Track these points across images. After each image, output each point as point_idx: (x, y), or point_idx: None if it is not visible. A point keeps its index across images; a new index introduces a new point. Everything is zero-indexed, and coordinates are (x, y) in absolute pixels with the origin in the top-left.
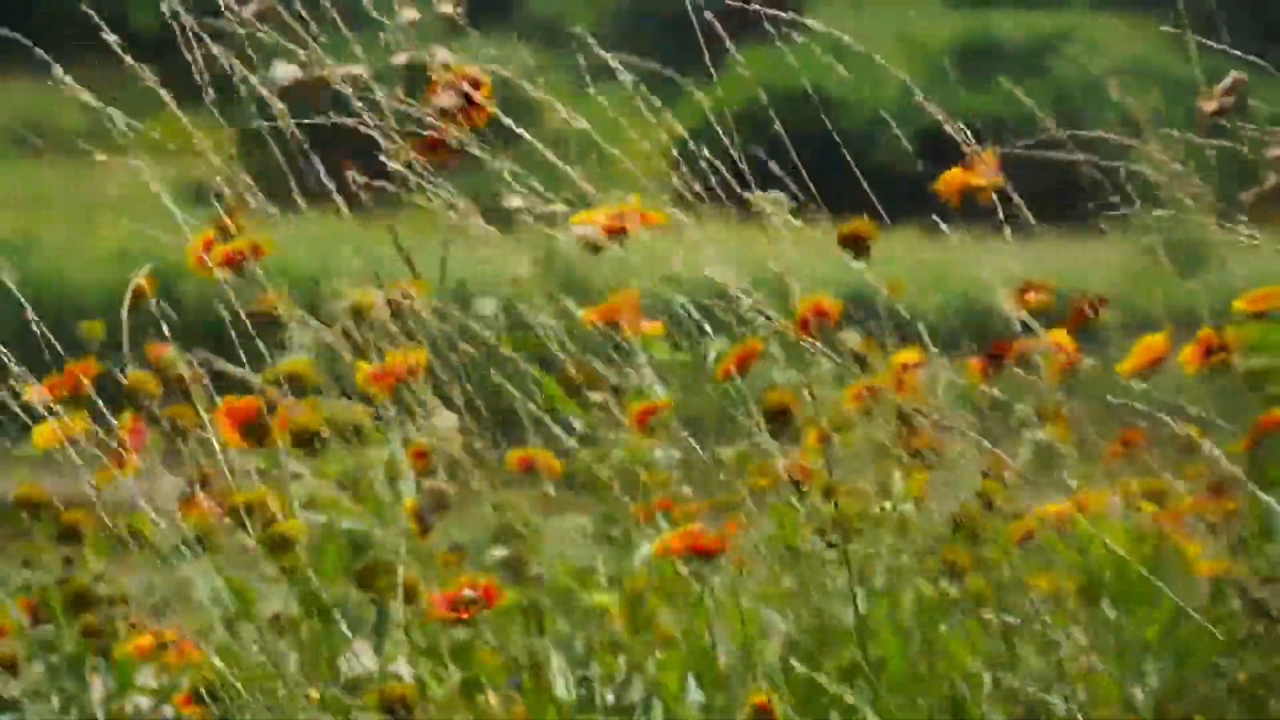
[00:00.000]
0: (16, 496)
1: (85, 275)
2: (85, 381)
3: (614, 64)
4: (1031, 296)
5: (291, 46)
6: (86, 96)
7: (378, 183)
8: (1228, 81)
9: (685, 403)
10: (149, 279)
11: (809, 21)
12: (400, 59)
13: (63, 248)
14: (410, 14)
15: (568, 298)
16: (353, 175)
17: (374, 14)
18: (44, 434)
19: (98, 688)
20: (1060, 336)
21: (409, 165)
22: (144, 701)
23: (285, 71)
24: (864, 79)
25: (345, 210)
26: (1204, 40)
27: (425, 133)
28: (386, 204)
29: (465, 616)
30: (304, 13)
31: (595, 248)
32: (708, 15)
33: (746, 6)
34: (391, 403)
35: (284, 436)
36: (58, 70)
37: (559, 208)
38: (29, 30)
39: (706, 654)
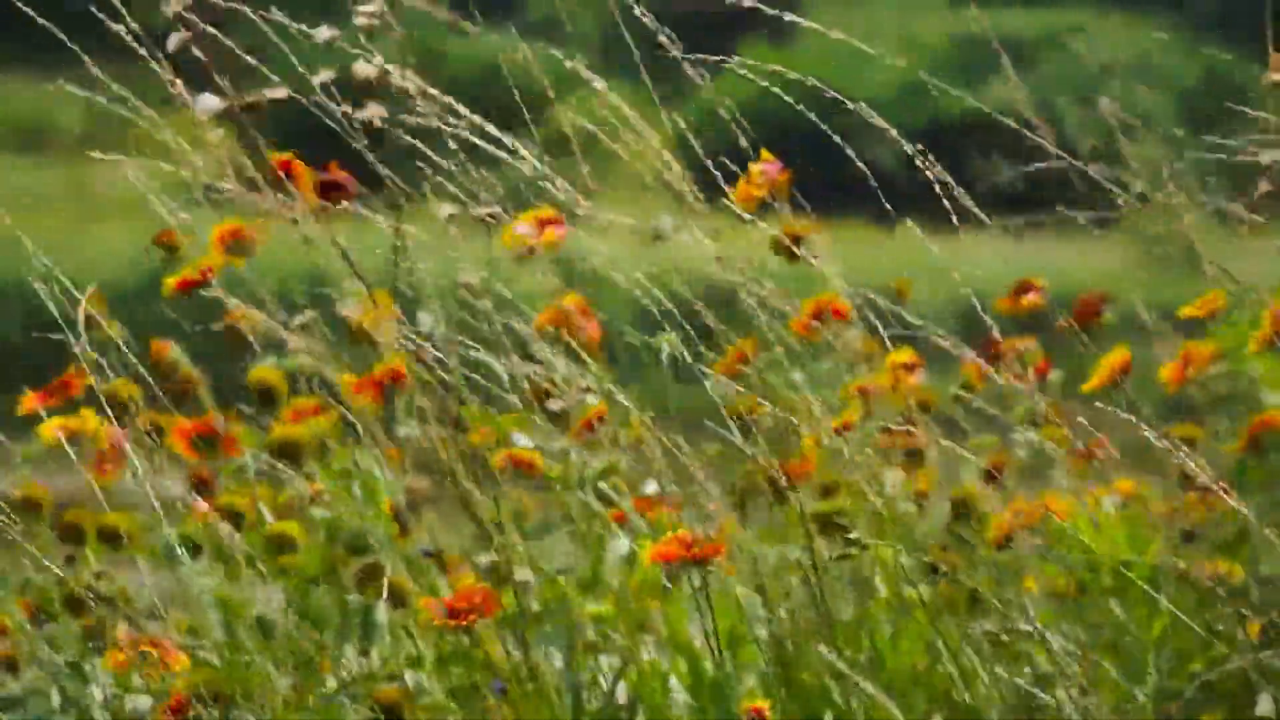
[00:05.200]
0: (18, 496)
1: (85, 275)
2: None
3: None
4: (1027, 298)
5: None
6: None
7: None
8: None
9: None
10: (98, 297)
11: (803, 22)
12: (322, 77)
13: (62, 247)
14: (327, 32)
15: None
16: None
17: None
18: (49, 430)
19: (97, 688)
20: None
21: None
22: (143, 702)
23: (210, 101)
24: (862, 77)
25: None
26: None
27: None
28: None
29: (465, 624)
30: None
31: (529, 253)
32: (664, 37)
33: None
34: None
35: (255, 445)
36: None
37: (496, 211)
38: (30, 30)
39: (694, 655)
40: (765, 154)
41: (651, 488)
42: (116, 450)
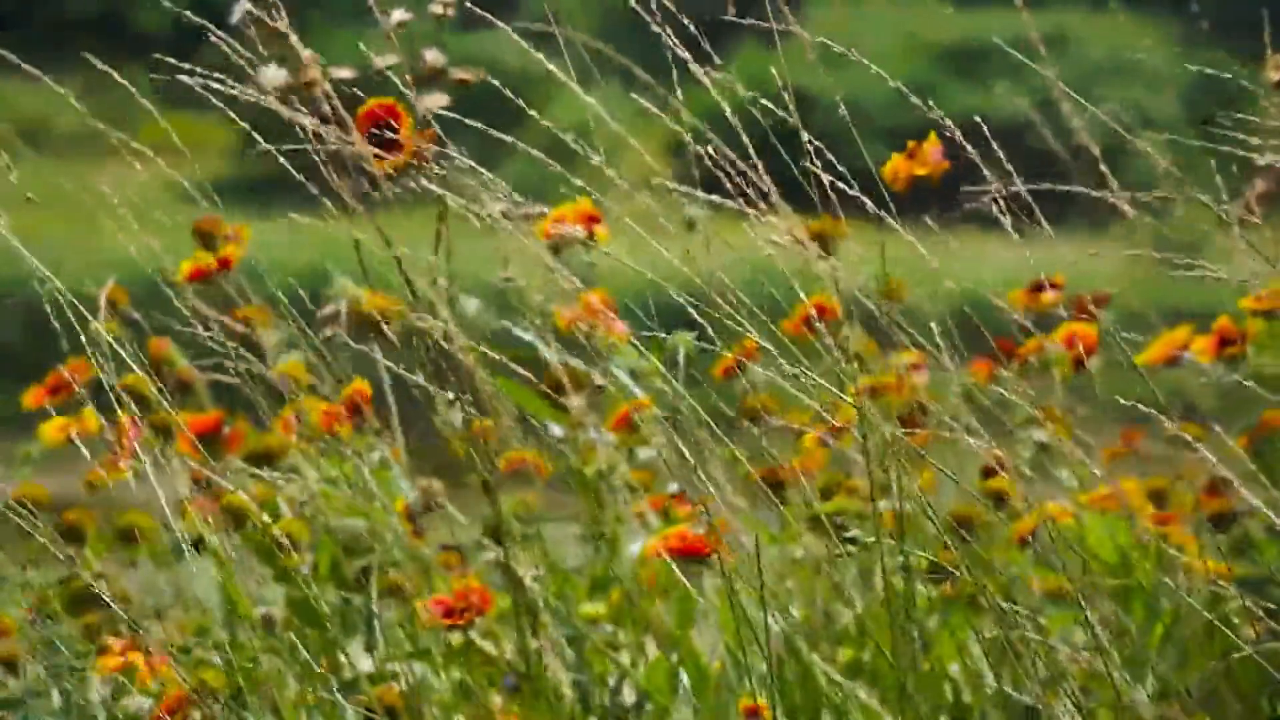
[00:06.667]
0: (17, 496)
1: (85, 276)
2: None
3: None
4: (1046, 296)
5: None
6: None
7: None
8: None
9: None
10: (118, 287)
11: (795, 29)
12: (383, 62)
13: (62, 248)
14: (399, 15)
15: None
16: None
17: (370, 11)
18: (51, 431)
19: (98, 688)
20: (1081, 328)
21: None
22: (144, 702)
23: (274, 75)
24: (859, 79)
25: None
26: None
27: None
28: (382, 204)
29: (461, 624)
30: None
31: (557, 249)
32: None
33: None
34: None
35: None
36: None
37: (536, 210)
38: (31, 32)
39: (699, 654)
40: (933, 137)
41: (673, 486)
42: (130, 445)
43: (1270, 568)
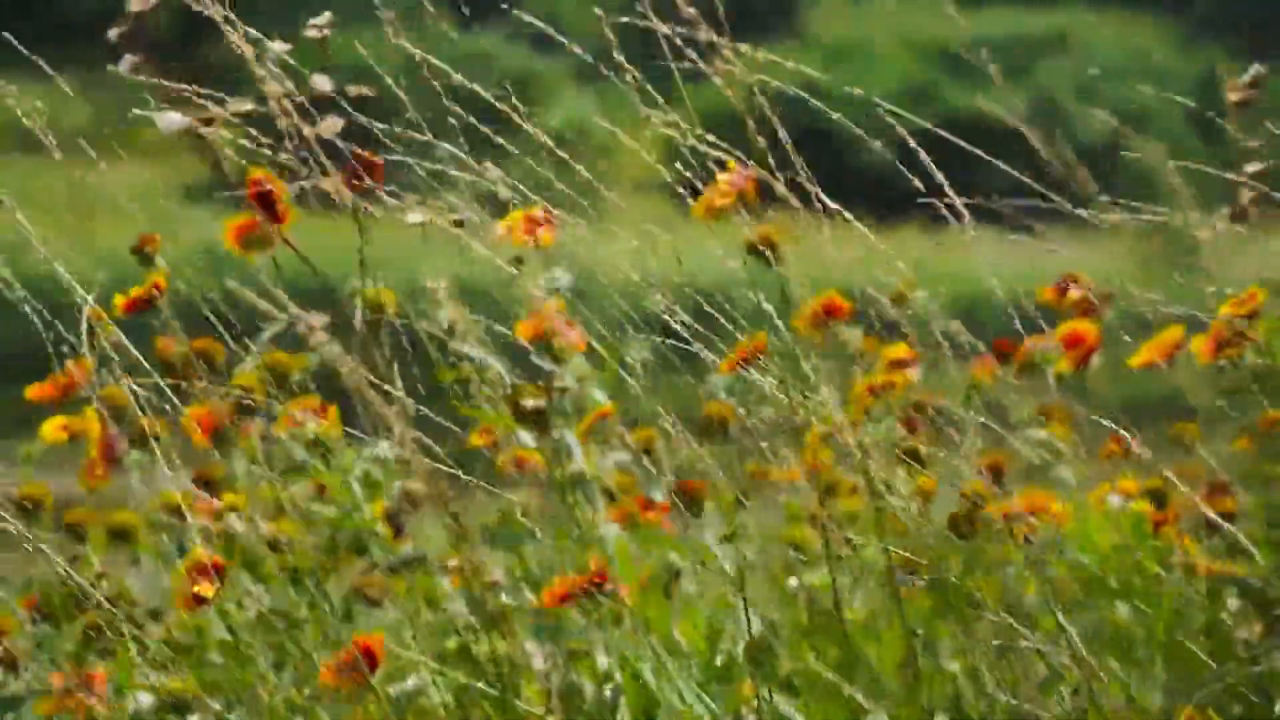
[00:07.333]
0: (19, 495)
1: (85, 275)
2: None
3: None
4: (1074, 292)
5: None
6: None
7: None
8: (1250, 75)
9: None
10: (98, 315)
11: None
12: (274, 90)
13: (62, 248)
14: (279, 46)
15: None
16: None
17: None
18: (51, 430)
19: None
20: (1082, 326)
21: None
22: (144, 700)
23: (171, 120)
24: (861, 78)
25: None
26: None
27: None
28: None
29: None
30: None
31: (519, 259)
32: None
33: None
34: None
35: (250, 445)
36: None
37: (470, 217)
38: (29, 30)
39: (681, 654)
40: (731, 164)
41: (657, 495)
42: (108, 453)
43: (1267, 569)
